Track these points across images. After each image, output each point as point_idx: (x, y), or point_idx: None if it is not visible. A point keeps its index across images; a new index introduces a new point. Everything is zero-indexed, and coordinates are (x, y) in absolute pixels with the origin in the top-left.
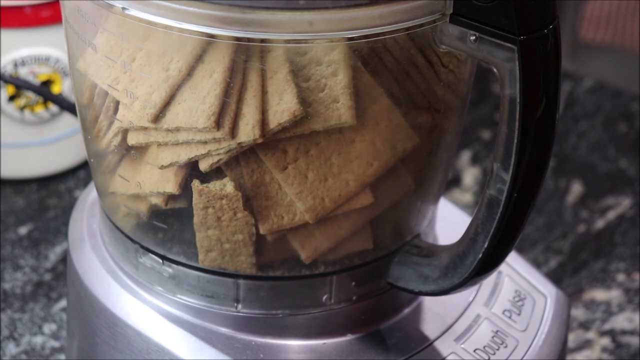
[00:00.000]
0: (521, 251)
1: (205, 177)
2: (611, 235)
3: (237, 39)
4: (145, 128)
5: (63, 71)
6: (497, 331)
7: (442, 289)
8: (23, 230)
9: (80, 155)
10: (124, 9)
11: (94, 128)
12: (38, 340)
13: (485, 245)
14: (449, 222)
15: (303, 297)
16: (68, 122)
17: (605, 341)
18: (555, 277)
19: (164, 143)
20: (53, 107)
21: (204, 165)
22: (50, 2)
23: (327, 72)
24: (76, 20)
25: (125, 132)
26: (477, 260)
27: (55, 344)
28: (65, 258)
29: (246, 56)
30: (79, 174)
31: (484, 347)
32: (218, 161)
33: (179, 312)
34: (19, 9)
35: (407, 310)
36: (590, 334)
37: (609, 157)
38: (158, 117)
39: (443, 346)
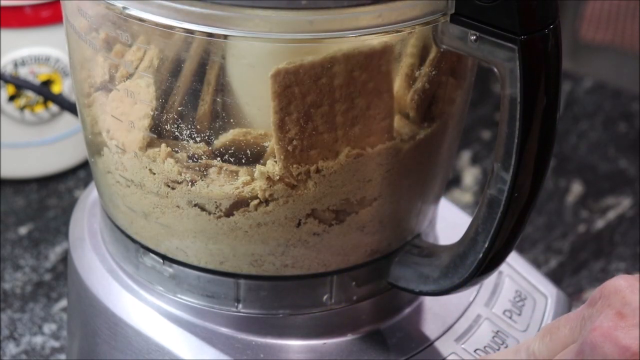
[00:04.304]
0: (521, 251)
1: None
2: (611, 235)
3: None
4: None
5: (63, 71)
6: (498, 331)
7: (442, 289)
8: (23, 230)
9: (80, 155)
10: (124, 8)
11: (94, 127)
12: (38, 340)
13: (486, 245)
14: (449, 222)
15: (303, 297)
16: (68, 122)
17: None
18: (555, 277)
19: None
20: (53, 107)
21: None
22: (50, 2)
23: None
24: (76, 19)
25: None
26: (477, 260)
27: (55, 344)
28: (65, 258)
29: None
30: (79, 174)
31: (485, 347)
32: None
33: (179, 312)
34: (19, 9)
35: (407, 311)
36: None
37: (609, 157)
38: None
39: (443, 346)
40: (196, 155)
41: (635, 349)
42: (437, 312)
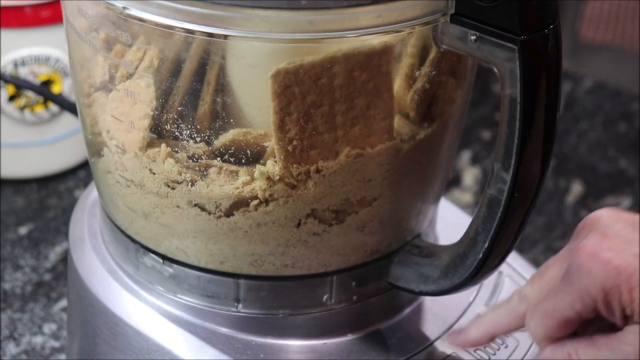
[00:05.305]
0: (521, 251)
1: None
2: None
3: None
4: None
5: (63, 71)
6: None
7: (442, 289)
8: (23, 230)
9: (80, 155)
10: (124, 8)
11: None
12: (38, 340)
13: (486, 245)
14: (449, 222)
15: (303, 297)
16: (68, 122)
17: None
18: None
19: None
20: (53, 107)
21: None
22: (50, 2)
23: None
24: (76, 19)
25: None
26: (477, 260)
27: (55, 344)
28: (65, 258)
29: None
30: (79, 174)
31: (485, 347)
32: None
33: (179, 312)
34: (19, 9)
35: (407, 311)
36: None
37: (609, 157)
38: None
39: (443, 346)
40: (196, 155)
41: (617, 262)
42: (437, 312)
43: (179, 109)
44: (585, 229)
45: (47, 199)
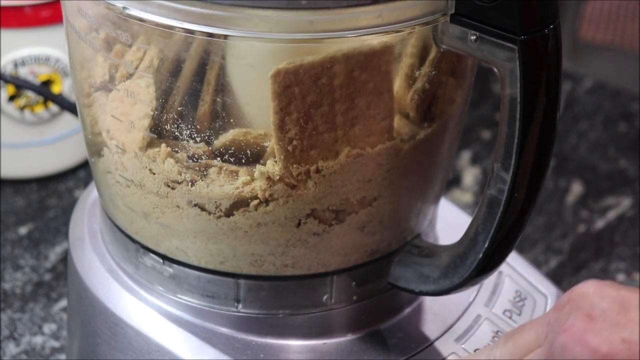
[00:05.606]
0: (521, 251)
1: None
2: (611, 235)
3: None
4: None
5: (63, 71)
6: (498, 331)
7: (442, 289)
8: (23, 230)
9: (80, 155)
10: (124, 8)
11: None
12: (38, 340)
13: (486, 245)
14: (449, 222)
15: (303, 297)
16: (68, 122)
17: None
18: (555, 277)
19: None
20: (53, 107)
21: None
22: (50, 2)
23: None
24: (76, 19)
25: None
26: (477, 260)
27: (55, 344)
28: (65, 258)
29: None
30: (79, 174)
31: (485, 347)
32: None
33: (180, 312)
34: (19, 9)
35: (407, 311)
36: None
37: (609, 157)
38: None
39: (443, 346)
40: (196, 155)
41: (605, 349)
42: (437, 312)
43: (179, 109)
44: (569, 305)
45: (47, 199)
